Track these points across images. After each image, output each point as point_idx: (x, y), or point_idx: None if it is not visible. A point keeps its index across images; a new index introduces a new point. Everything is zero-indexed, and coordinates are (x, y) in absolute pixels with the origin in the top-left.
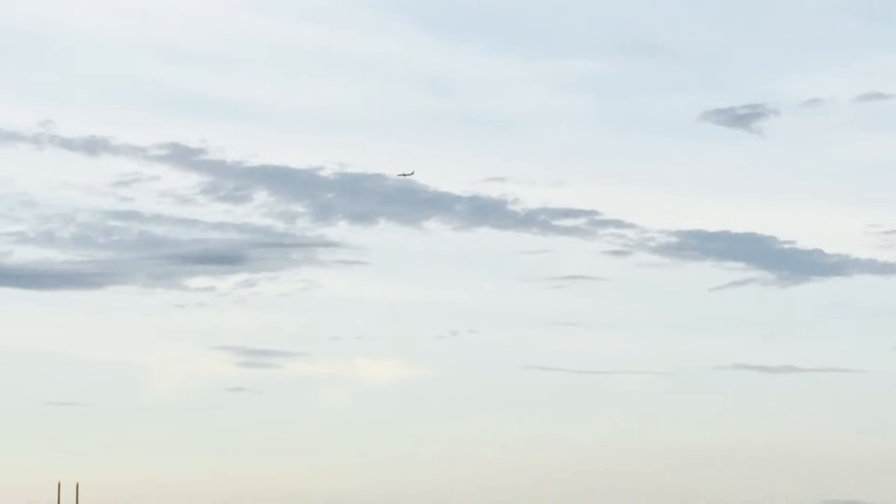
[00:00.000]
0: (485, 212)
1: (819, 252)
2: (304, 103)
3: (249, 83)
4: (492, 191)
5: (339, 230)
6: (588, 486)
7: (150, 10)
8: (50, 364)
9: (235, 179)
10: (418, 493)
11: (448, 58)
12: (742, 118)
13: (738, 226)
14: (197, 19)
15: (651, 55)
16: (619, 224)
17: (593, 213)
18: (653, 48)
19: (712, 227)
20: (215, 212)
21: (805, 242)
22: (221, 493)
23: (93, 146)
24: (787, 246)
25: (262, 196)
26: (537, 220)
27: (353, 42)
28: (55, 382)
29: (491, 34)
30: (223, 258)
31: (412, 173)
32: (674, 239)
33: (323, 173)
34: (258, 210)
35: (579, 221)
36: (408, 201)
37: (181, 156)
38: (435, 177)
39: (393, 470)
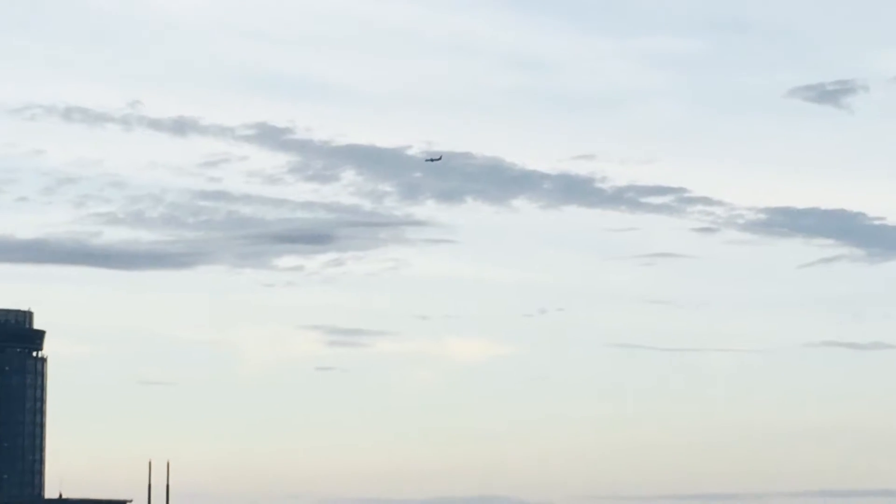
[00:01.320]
0: (573, 190)
1: None
2: (392, 82)
3: (337, 63)
4: (580, 168)
5: (427, 209)
6: (678, 463)
7: None
8: (140, 344)
9: (323, 159)
10: (508, 469)
11: (536, 36)
12: (831, 94)
13: (828, 202)
14: (285, 1)
15: (740, 32)
16: (707, 201)
17: (681, 190)
18: (742, 25)
19: (801, 203)
20: (303, 191)
21: (895, 218)
22: (309, 470)
23: (181, 127)
24: (876, 222)
25: (349, 175)
26: (625, 198)
27: (441, 21)
28: (146, 362)
29: (580, 12)
30: (311, 237)
31: (440, 158)
32: (762, 216)
33: (410, 152)
34: (346, 189)
35: (667, 199)
36: (495, 180)
37: (269, 136)
38: (523, 155)
39: (482, 447)
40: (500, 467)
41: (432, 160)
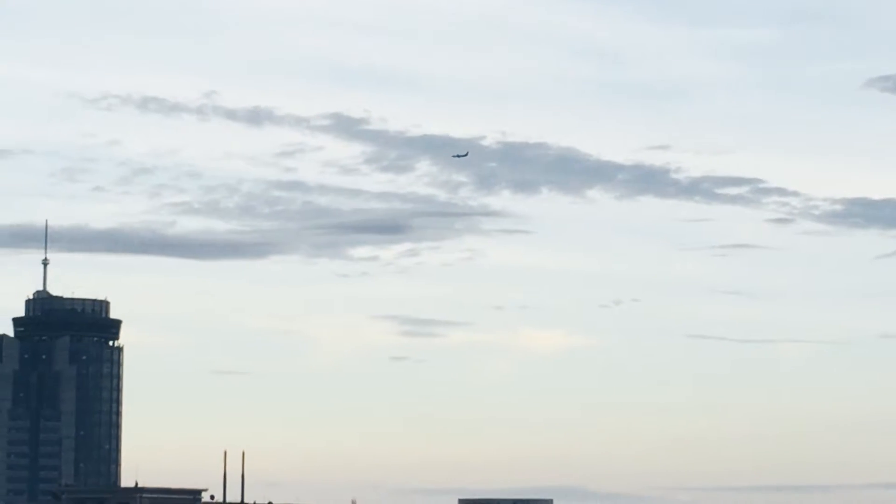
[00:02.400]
0: (647, 180)
1: None
2: (466, 73)
3: (411, 53)
4: (655, 159)
5: (502, 199)
6: (751, 453)
7: None
8: (215, 333)
9: (398, 149)
10: (581, 459)
11: (611, 27)
12: None
13: None
14: None
15: (815, 22)
16: (782, 192)
17: (756, 181)
18: (816, 15)
19: (877, 194)
20: (378, 181)
21: None
22: (383, 459)
23: (256, 117)
24: None
25: (424, 165)
26: (700, 189)
27: (516, 12)
28: (220, 352)
29: (655, 3)
30: (386, 228)
31: (466, 154)
32: (838, 206)
33: (485, 142)
34: (421, 179)
35: (742, 190)
36: (570, 170)
37: (344, 126)
38: (598, 145)
39: (557, 438)
40: (573, 457)
41: (459, 156)
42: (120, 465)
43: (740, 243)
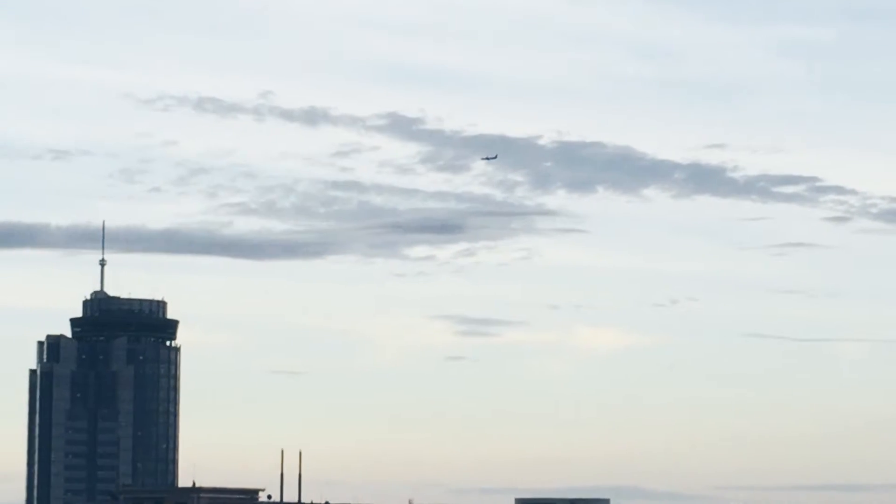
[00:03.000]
0: (704, 179)
1: None
2: (522, 72)
3: (467, 53)
4: (711, 158)
5: (558, 198)
6: (810, 453)
7: None
8: (272, 333)
9: (454, 149)
10: (638, 458)
11: (666, 25)
12: None
13: None
14: None
15: (872, 20)
16: (840, 190)
17: (814, 179)
18: (871, 12)
19: None
20: (434, 181)
21: None
22: (440, 459)
23: (312, 117)
24: None
25: (480, 165)
26: (757, 187)
27: (571, 11)
28: (277, 352)
29: (711, 1)
30: (442, 227)
31: (495, 157)
32: (895, 205)
33: (541, 142)
34: (477, 179)
35: (799, 188)
36: (626, 169)
37: (400, 125)
38: (653, 144)
39: (613, 437)
40: (629, 457)
41: (488, 159)
42: (177, 464)
43: (797, 242)
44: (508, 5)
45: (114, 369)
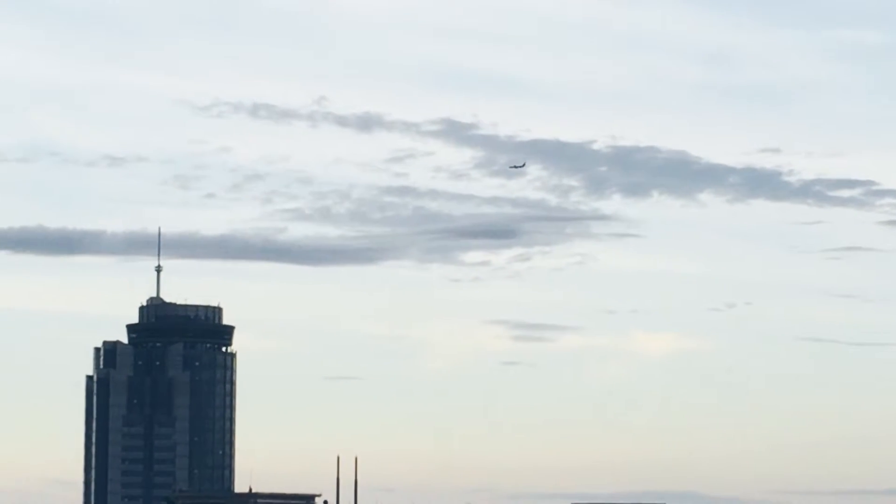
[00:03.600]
0: (759, 183)
1: None
2: (576, 77)
3: (521, 58)
4: (766, 162)
5: (613, 203)
6: (866, 457)
7: None
8: (327, 339)
9: (509, 154)
10: (695, 463)
11: (720, 29)
12: None
13: None
14: None
15: None
16: (895, 194)
17: (870, 183)
18: None
19: None
20: (489, 186)
21: None
22: (495, 464)
23: (366, 123)
24: None
25: (535, 170)
26: (812, 191)
27: (624, 15)
28: (333, 357)
29: (763, 5)
30: (497, 232)
31: (523, 165)
32: None
33: (596, 146)
34: (531, 184)
35: (855, 192)
36: (681, 174)
37: (454, 131)
38: (708, 149)
39: (669, 441)
40: (685, 461)
41: (516, 167)
42: (234, 470)
43: (853, 246)
44: (564, 10)
45: (170, 375)
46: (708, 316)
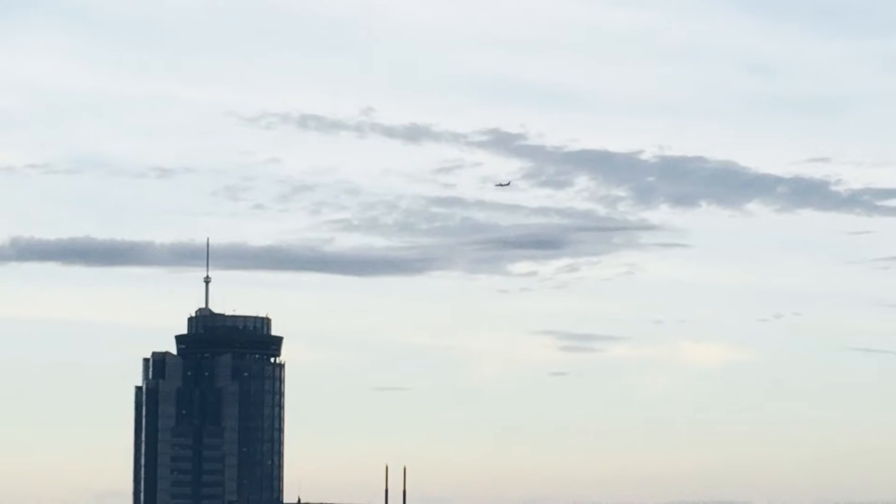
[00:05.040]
0: (808, 193)
1: None
2: (623, 87)
3: (569, 68)
4: (814, 172)
5: (661, 213)
6: None
7: (468, 1)
8: (375, 350)
9: (556, 164)
10: (744, 473)
11: (769, 40)
12: None
13: None
14: (515, 7)
15: None
16: None
17: None
18: None
19: None
20: (537, 197)
21: None
22: (545, 474)
23: (414, 133)
24: None
25: (582, 180)
26: (861, 201)
27: (673, 26)
28: (381, 368)
29: (812, 15)
30: (545, 243)
31: (508, 183)
32: None
33: (643, 156)
34: (579, 194)
35: None
36: (729, 183)
37: (502, 141)
38: (756, 158)
39: (718, 452)
40: (736, 472)
41: (501, 185)
42: (283, 480)
43: None
44: (612, 21)
45: (219, 386)
46: (756, 326)
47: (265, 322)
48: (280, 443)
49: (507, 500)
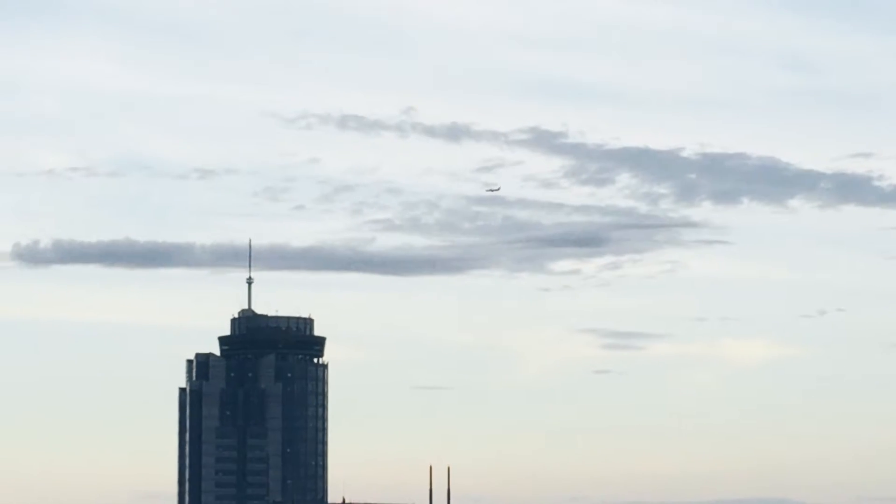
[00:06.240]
0: (850, 189)
1: None
2: (664, 84)
3: (609, 66)
4: (857, 167)
5: (703, 210)
6: None
7: None
8: (418, 349)
9: (597, 162)
10: (787, 471)
11: (810, 34)
12: None
13: None
14: (554, 6)
15: None
16: None
17: None
18: None
19: None
20: (578, 195)
21: None
22: (589, 473)
23: (455, 133)
24: None
25: (624, 178)
26: None
27: (712, 21)
28: (424, 367)
29: (853, 9)
30: (587, 241)
31: (498, 189)
32: None
33: (685, 154)
34: (621, 192)
35: None
36: (771, 180)
37: (543, 140)
38: (798, 154)
39: (761, 449)
40: (779, 469)
41: (491, 190)
42: (326, 481)
43: None
44: (652, 17)
45: (262, 387)
46: (799, 323)
47: (308, 322)
48: (324, 443)
49: (551, 499)
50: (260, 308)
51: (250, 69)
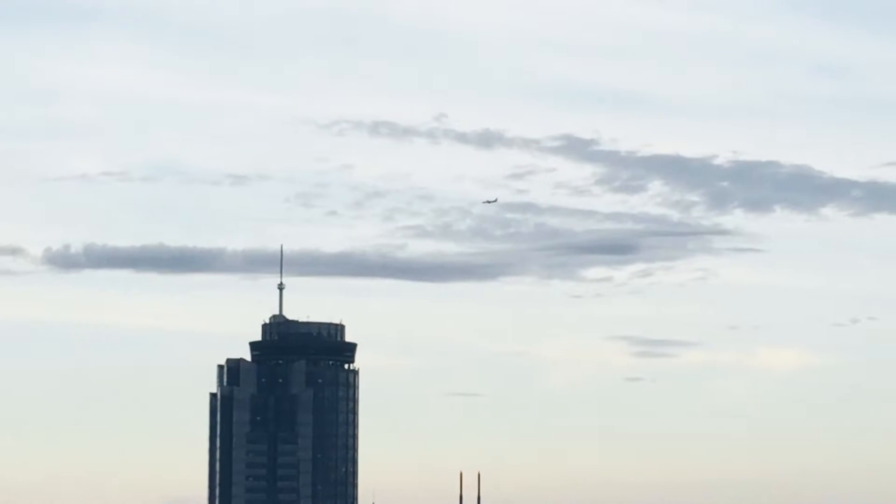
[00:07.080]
0: (883, 197)
1: None
2: (696, 91)
3: (641, 73)
4: (890, 175)
5: (735, 218)
6: None
7: (540, 6)
8: (449, 356)
9: (629, 169)
10: (820, 479)
11: (842, 42)
12: None
13: None
14: (586, 13)
15: None
16: None
17: None
18: None
19: None
20: (610, 202)
21: None
22: (619, 480)
23: (487, 139)
24: None
25: (656, 185)
26: None
27: (745, 29)
28: (454, 374)
29: (886, 16)
30: (619, 248)
31: (495, 200)
32: None
33: (717, 161)
34: (653, 199)
35: None
36: (803, 188)
37: (575, 147)
38: (831, 162)
39: (794, 457)
40: (812, 477)
41: (489, 202)
42: (357, 487)
43: None
44: (684, 25)
45: (293, 392)
46: (832, 331)
47: (339, 328)
48: (354, 449)
49: None
50: (291, 314)
51: (284, 76)
